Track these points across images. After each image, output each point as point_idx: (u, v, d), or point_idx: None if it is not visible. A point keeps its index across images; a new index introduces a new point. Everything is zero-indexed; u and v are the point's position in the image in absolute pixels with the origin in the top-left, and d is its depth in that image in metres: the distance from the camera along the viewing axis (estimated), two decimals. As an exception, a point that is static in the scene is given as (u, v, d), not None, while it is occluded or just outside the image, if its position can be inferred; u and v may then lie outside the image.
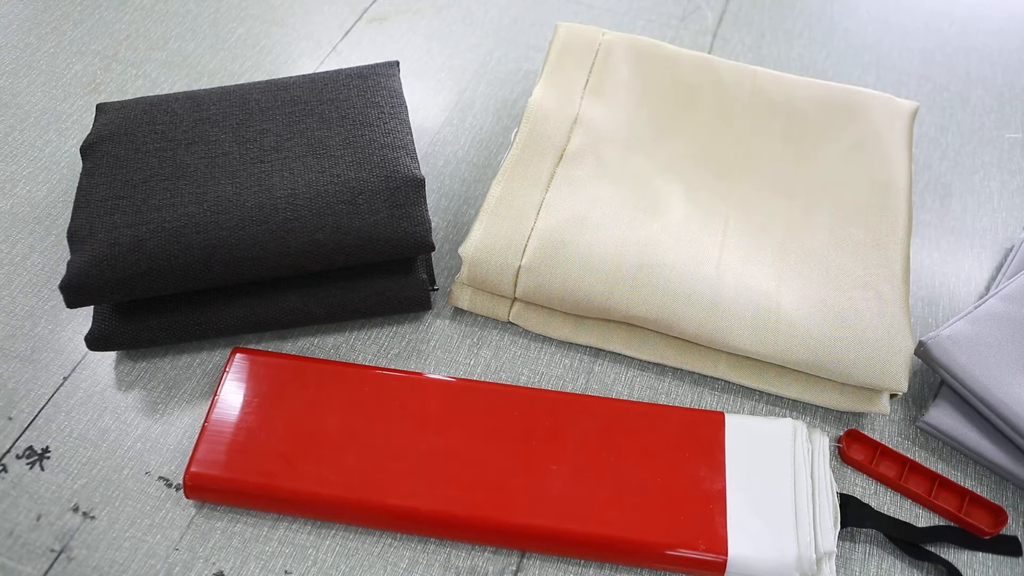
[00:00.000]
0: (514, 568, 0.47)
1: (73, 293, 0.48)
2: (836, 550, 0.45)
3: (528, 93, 0.69)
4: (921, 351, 0.51)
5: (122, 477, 0.49)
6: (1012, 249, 0.60)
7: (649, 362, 0.54)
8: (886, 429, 0.52)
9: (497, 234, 0.53)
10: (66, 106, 0.67)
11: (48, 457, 0.50)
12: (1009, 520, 0.49)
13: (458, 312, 0.57)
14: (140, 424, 0.51)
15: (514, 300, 0.55)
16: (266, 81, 0.57)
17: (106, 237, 0.49)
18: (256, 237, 0.49)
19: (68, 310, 0.55)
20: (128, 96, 0.68)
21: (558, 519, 0.46)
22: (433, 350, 0.55)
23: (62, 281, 0.48)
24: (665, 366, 0.54)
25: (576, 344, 0.55)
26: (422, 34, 0.73)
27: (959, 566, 0.47)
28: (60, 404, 0.52)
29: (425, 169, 0.64)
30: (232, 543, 0.47)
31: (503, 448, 0.48)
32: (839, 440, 0.51)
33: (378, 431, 0.48)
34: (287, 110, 0.55)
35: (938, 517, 0.49)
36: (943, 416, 0.51)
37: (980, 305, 0.52)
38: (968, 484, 0.50)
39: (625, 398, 0.53)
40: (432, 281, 0.56)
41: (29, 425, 0.51)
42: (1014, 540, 0.48)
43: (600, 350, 0.55)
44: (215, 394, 0.50)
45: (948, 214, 0.63)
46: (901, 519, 0.48)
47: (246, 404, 0.49)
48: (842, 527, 0.47)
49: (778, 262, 0.53)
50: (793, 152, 0.59)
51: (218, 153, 0.52)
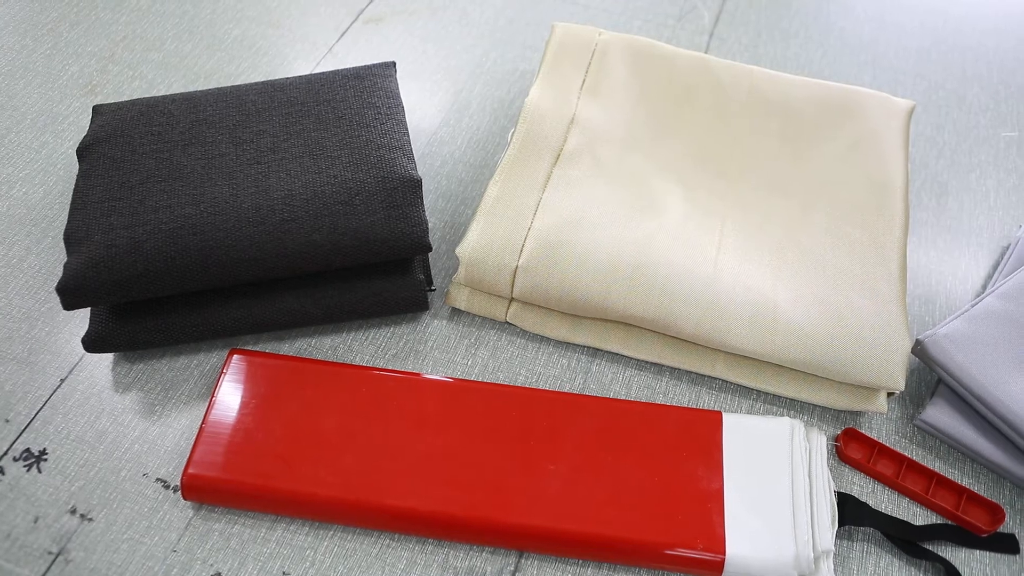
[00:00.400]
0: (512, 568, 0.47)
1: (70, 295, 0.48)
2: (834, 548, 0.45)
3: (524, 93, 0.69)
4: (918, 349, 0.51)
5: (119, 479, 0.49)
6: (1008, 247, 0.60)
7: (647, 362, 0.54)
8: (883, 428, 0.52)
9: (494, 234, 0.53)
10: (62, 108, 0.67)
11: (45, 459, 0.50)
12: (1006, 518, 0.49)
13: (455, 312, 0.57)
14: (138, 426, 0.51)
15: (511, 300, 0.55)
16: (262, 82, 0.57)
17: (103, 239, 0.49)
18: (253, 238, 0.49)
19: (65, 312, 0.55)
20: (124, 98, 0.68)
21: (556, 519, 0.46)
22: (431, 350, 0.55)
23: (59, 283, 0.48)
24: (663, 366, 0.54)
25: (573, 344, 0.55)
26: (418, 35, 0.73)
27: (957, 564, 0.47)
28: (57, 406, 0.52)
29: (422, 170, 0.64)
30: (230, 544, 0.47)
31: (501, 448, 0.48)
32: (837, 439, 0.51)
33: (376, 432, 0.48)
34: (284, 111, 0.55)
35: (935, 515, 0.49)
36: (940, 414, 0.51)
37: (977, 303, 0.52)
38: (965, 482, 0.50)
39: (623, 398, 0.53)
40: (429, 281, 0.56)
41: (26, 427, 0.51)
42: (1011, 538, 0.48)
43: (597, 350, 0.55)
44: (212, 395, 0.50)
45: (945, 212, 0.63)
46: (899, 517, 0.48)
47: (243, 405, 0.49)
48: (840, 525, 0.47)
49: (775, 261, 0.54)
50: (790, 151, 0.59)
51: (215, 154, 0.52)
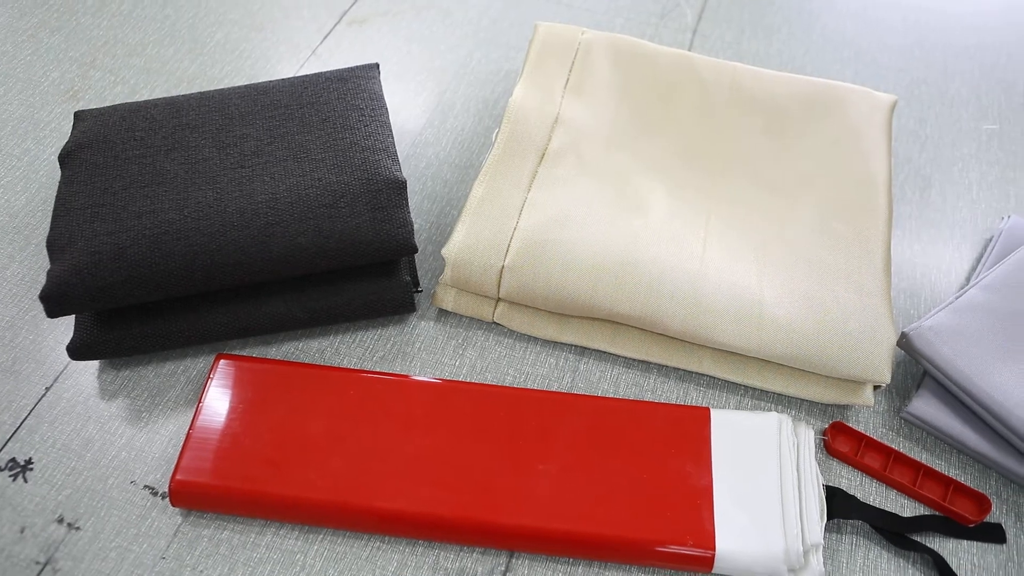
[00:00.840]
0: (503, 568, 0.47)
1: (53, 303, 0.48)
2: (823, 542, 0.45)
3: (509, 93, 0.69)
4: (903, 342, 0.52)
5: (107, 487, 0.49)
6: (991, 239, 0.60)
7: (634, 359, 0.55)
8: (870, 421, 0.53)
9: (480, 234, 0.53)
10: (44, 114, 0.66)
11: (31, 468, 0.49)
12: (993, 507, 0.49)
13: (442, 313, 0.57)
14: (124, 433, 0.51)
15: (498, 300, 0.55)
16: (245, 86, 0.57)
17: (86, 246, 0.48)
18: (238, 242, 0.49)
19: (49, 320, 0.55)
20: (107, 103, 0.67)
21: (546, 518, 0.46)
22: (418, 352, 0.55)
23: (42, 291, 0.48)
24: (650, 363, 0.54)
25: (561, 343, 0.55)
26: (402, 36, 0.73)
27: (944, 554, 0.48)
28: (43, 415, 0.51)
29: (407, 171, 0.64)
30: (219, 550, 0.47)
31: (490, 449, 0.48)
32: (824, 432, 0.51)
33: (364, 434, 0.48)
34: (267, 114, 0.54)
35: (923, 506, 0.49)
36: (926, 406, 0.51)
37: (961, 295, 0.53)
38: (952, 473, 0.51)
39: (611, 396, 0.53)
40: (416, 283, 0.56)
41: (11, 436, 0.50)
42: (998, 527, 0.48)
43: (585, 348, 0.55)
44: (200, 401, 0.49)
45: (928, 206, 0.63)
46: (887, 509, 0.49)
47: (231, 410, 0.49)
48: (828, 519, 0.47)
49: (761, 257, 0.54)
50: (773, 147, 0.59)
51: (198, 159, 0.52)
